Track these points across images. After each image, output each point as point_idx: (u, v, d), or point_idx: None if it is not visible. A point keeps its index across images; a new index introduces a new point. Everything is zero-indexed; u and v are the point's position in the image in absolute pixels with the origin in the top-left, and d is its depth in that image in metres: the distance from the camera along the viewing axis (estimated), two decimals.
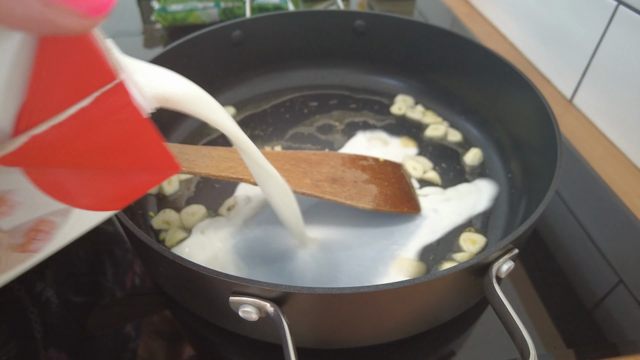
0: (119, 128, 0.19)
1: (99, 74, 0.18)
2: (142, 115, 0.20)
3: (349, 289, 0.25)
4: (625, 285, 0.38)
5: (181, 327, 0.35)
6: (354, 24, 0.56)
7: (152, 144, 0.21)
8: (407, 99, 0.56)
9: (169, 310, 0.36)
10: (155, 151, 0.21)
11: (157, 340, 0.34)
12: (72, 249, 0.40)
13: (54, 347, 0.33)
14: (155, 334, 0.34)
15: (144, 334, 0.34)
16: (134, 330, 0.35)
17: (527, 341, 0.24)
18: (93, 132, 0.18)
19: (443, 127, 0.51)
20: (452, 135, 0.51)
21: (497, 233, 0.40)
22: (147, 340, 0.34)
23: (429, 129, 0.51)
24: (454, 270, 0.26)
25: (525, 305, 0.36)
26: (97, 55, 0.17)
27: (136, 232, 0.28)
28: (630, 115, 0.50)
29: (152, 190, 0.44)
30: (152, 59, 0.46)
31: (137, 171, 0.21)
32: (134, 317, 0.36)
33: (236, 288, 0.25)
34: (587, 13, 0.55)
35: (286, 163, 0.39)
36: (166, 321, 0.35)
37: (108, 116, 0.18)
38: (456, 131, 0.51)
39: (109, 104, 0.18)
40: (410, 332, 0.32)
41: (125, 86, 0.18)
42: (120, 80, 0.18)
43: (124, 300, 0.37)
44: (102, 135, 0.19)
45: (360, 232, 0.40)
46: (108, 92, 0.18)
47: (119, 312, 0.36)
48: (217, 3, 0.74)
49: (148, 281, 0.38)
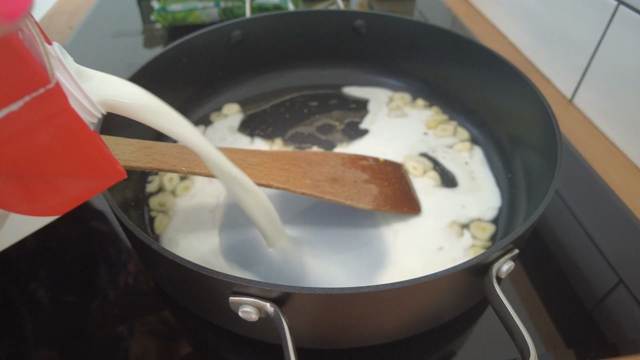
0: (56, 134, 0.19)
1: (29, 79, 0.17)
2: (82, 121, 0.19)
3: (349, 289, 0.25)
4: (625, 285, 0.38)
5: (180, 327, 0.35)
6: (354, 23, 0.56)
7: (93, 150, 0.20)
8: (405, 96, 0.56)
9: (169, 310, 0.36)
10: (97, 158, 0.21)
11: (156, 340, 0.34)
12: (67, 248, 0.40)
13: (45, 346, 0.33)
14: (155, 334, 0.34)
15: (143, 333, 0.34)
16: (133, 330, 0.35)
17: (527, 341, 0.24)
18: (26, 137, 0.18)
19: (451, 127, 0.52)
20: (460, 135, 0.51)
21: (497, 233, 0.40)
22: (146, 340, 0.34)
23: (438, 129, 0.51)
24: (454, 270, 0.26)
25: (525, 305, 0.36)
26: (25, 59, 0.16)
27: (136, 232, 0.28)
28: (630, 115, 0.50)
29: (153, 188, 0.44)
30: (152, 59, 0.46)
31: (78, 177, 0.21)
32: (134, 316, 0.36)
33: (236, 288, 0.25)
34: (587, 13, 0.55)
35: (286, 163, 0.39)
36: (166, 321, 0.35)
37: (42, 121, 0.18)
38: (463, 129, 0.51)
39: (42, 109, 0.17)
40: (411, 332, 0.32)
41: (61, 91, 0.18)
42: (55, 85, 0.18)
43: (123, 300, 0.37)
44: (37, 141, 0.18)
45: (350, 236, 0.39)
46: (41, 97, 0.17)
47: (118, 311, 0.36)
48: (217, 3, 0.74)
49: (148, 281, 0.38)
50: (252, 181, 0.35)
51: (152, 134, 0.48)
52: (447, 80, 0.54)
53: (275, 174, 0.37)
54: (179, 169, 0.34)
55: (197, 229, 0.40)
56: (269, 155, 0.39)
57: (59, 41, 0.75)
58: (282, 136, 0.51)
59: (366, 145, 0.50)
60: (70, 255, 0.40)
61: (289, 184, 0.37)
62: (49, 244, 0.41)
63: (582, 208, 0.45)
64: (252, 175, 0.36)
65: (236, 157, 0.37)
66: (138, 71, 0.44)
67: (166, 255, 0.26)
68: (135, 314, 0.36)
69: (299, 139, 0.51)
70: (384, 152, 0.49)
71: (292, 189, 0.37)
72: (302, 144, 0.50)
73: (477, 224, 0.41)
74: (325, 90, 0.58)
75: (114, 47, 0.74)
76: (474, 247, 0.39)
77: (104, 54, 0.72)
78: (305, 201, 0.42)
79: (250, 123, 0.53)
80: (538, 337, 0.34)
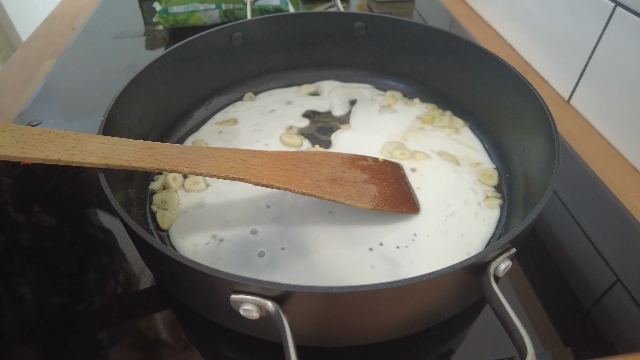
0: None
1: None
2: None
3: (349, 288, 0.25)
4: (622, 284, 0.38)
5: (182, 326, 0.35)
6: (353, 25, 0.56)
7: None
8: (396, 94, 0.57)
9: (170, 309, 0.36)
10: None
11: (157, 339, 0.34)
12: (60, 251, 0.41)
13: (23, 343, 0.34)
14: (156, 332, 0.35)
15: (145, 332, 0.35)
16: (134, 328, 0.35)
17: (525, 340, 0.24)
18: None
19: (446, 118, 0.53)
20: (456, 123, 0.52)
21: (495, 232, 0.41)
22: (147, 338, 0.34)
23: (435, 121, 0.52)
24: (453, 269, 0.26)
25: (523, 304, 0.36)
26: None
27: (138, 230, 0.29)
28: (627, 115, 0.51)
29: (157, 186, 0.44)
30: (154, 61, 0.46)
31: None
32: (135, 315, 0.36)
33: (237, 287, 0.26)
34: (584, 14, 0.55)
35: (286, 163, 0.39)
36: (167, 319, 0.36)
37: None
38: (459, 119, 0.53)
39: None
40: (410, 331, 0.32)
41: None
42: None
43: (125, 298, 0.37)
44: None
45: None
46: None
47: (119, 310, 0.36)
48: (219, 5, 0.74)
49: (149, 279, 0.38)
50: (254, 181, 0.36)
51: (155, 135, 0.48)
52: (445, 81, 0.55)
53: (275, 174, 0.37)
54: (181, 169, 0.35)
55: (201, 226, 0.40)
56: (269, 156, 0.39)
57: (61, 43, 0.76)
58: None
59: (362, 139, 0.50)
60: (63, 258, 0.40)
61: (290, 184, 0.37)
62: (47, 244, 0.42)
63: (579, 207, 0.45)
64: (253, 175, 0.36)
65: (237, 157, 0.37)
66: (140, 73, 0.44)
67: (167, 253, 0.27)
68: (136, 312, 0.36)
69: None
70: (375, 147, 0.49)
71: (293, 189, 0.37)
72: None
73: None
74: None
75: (116, 48, 0.74)
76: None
77: (106, 55, 0.72)
78: (305, 201, 0.43)
79: None
80: (536, 335, 0.34)
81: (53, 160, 0.31)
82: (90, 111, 0.60)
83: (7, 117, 0.59)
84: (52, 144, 0.32)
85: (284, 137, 0.50)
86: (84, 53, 0.73)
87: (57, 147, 0.32)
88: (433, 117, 0.53)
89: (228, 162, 0.37)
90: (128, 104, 0.42)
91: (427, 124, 0.52)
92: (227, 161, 0.37)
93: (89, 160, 0.32)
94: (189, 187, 0.44)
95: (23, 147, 0.31)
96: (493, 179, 0.45)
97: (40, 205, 0.46)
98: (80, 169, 0.49)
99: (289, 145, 0.50)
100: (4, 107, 0.61)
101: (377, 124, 0.53)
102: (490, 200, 0.43)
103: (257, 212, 0.42)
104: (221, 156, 0.37)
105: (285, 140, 0.50)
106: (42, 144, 0.32)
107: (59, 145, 0.32)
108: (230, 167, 0.36)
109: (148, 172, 0.45)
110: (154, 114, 0.47)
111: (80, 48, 0.74)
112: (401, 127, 0.52)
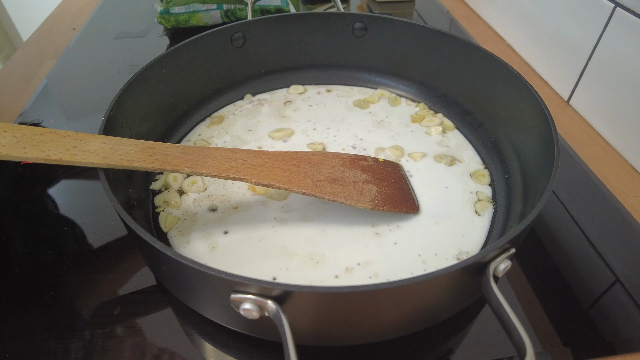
0: None
1: None
2: None
3: (349, 288, 0.25)
4: (621, 284, 0.38)
5: (182, 325, 0.35)
6: (353, 26, 0.57)
7: None
8: (385, 92, 0.58)
9: (171, 308, 0.36)
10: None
11: (157, 338, 0.34)
12: (65, 247, 0.41)
13: None
14: (156, 332, 0.35)
15: (145, 331, 0.35)
16: (134, 327, 0.35)
17: (524, 339, 0.24)
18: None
19: (437, 119, 0.53)
20: (447, 123, 0.53)
21: (494, 232, 0.41)
22: (147, 337, 0.34)
23: (425, 121, 0.53)
24: (452, 269, 0.26)
25: (522, 304, 0.37)
26: None
27: (138, 230, 0.29)
28: (626, 116, 0.51)
29: (158, 186, 0.44)
30: (155, 61, 0.46)
31: None
32: (135, 314, 0.36)
33: (237, 286, 0.26)
34: (584, 15, 0.55)
35: (287, 163, 0.39)
36: (167, 319, 0.36)
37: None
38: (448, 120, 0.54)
39: None
40: (409, 330, 0.32)
41: None
42: None
43: (125, 298, 0.37)
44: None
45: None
46: None
47: (120, 309, 0.37)
48: (220, 5, 0.74)
49: (149, 279, 0.39)
50: (254, 181, 0.36)
51: (155, 134, 0.48)
52: (445, 81, 0.55)
53: (276, 174, 0.38)
54: (182, 169, 0.35)
55: (202, 226, 0.40)
56: (270, 156, 0.39)
57: (62, 42, 0.76)
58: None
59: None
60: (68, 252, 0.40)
61: (290, 184, 0.37)
62: (44, 249, 0.42)
63: (578, 208, 0.45)
64: (253, 175, 0.36)
65: (238, 157, 0.37)
66: (141, 73, 0.44)
67: (168, 253, 0.27)
68: (137, 311, 0.36)
69: None
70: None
71: (293, 189, 0.37)
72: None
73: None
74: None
75: (116, 48, 0.74)
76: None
77: (107, 55, 0.72)
78: (304, 201, 0.43)
79: None
80: (535, 335, 0.34)
81: (54, 160, 0.32)
82: (91, 111, 0.60)
83: (8, 117, 0.59)
84: (54, 144, 0.32)
85: (272, 133, 0.51)
86: (84, 53, 0.73)
87: (58, 147, 0.32)
88: (422, 117, 0.54)
89: (229, 162, 0.37)
90: (129, 104, 0.42)
91: (416, 122, 0.53)
92: (228, 161, 0.37)
93: (90, 160, 0.33)
94: (186, 188, 0.44)
95: (24, 147, 0.31)
96: (485, 178, 0.46)
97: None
98: (81, 169, 0.49)
99: (278, 139, 0.50)
100: (5, 107, 0.61)
101: (370, 124, 0.53)
102: (482, 203, 0.43)
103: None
104: (222, 156, 0.37)
105: (275, 135, 0.51)
106: (44, 144, 0.32)
107: (60, 145, 0.32)
108: (230, 167, 0.36)
109: (149, 173, 0.45)
110: (154, 114, 0.47)
111: (81, 48, 0.74)
112: (394, 127, 0.53)
